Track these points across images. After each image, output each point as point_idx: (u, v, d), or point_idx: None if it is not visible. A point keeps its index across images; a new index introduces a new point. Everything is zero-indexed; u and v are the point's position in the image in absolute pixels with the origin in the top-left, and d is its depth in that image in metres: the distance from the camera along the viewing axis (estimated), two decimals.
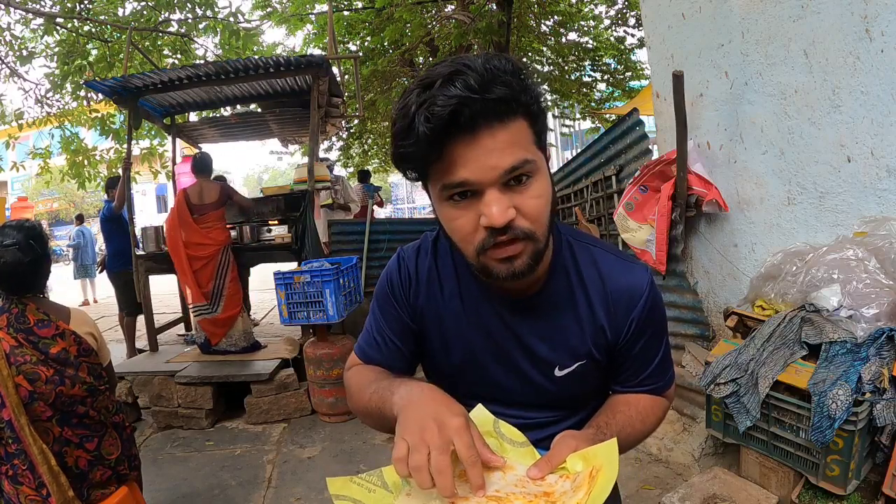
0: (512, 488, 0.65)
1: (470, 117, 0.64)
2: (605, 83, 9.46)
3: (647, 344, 0.86)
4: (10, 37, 6.39)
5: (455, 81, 0.63)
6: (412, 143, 0.65)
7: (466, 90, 0.63)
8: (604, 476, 0.62)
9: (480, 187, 0.67)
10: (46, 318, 1.54)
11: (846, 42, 1.89)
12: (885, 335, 1.60)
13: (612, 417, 0.83)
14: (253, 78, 3.88)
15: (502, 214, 0.67)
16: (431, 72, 0.67)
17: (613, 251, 0.90)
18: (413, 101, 0.65)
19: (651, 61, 3.16)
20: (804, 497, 1.68)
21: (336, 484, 0.67)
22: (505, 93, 0.64)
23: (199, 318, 3.73)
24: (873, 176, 1.89)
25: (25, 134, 7.21)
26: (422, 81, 0.66)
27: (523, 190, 0.69)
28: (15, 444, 1.40)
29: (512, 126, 0.67)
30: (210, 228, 3.71)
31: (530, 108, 0.69)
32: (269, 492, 2.52)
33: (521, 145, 0.68)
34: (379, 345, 0.92)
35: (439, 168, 0.68)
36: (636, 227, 2.74)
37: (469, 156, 0.66)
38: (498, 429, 0.75)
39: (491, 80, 0.64)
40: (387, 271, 0.93)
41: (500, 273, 0.72)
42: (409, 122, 0.65)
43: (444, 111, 0.62)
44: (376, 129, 10.80)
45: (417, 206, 21.99)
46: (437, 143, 0.65)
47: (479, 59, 0.66)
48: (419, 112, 0.64)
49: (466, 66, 0.64)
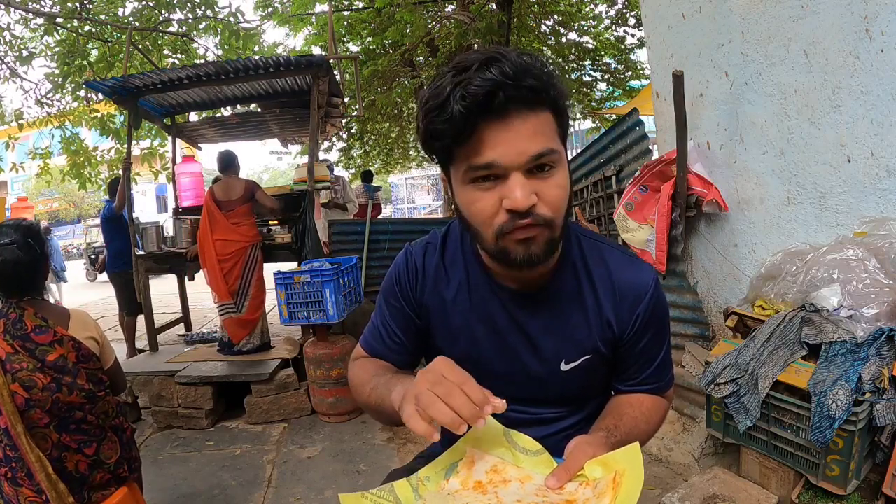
0: (533, 497, 0.65)
1: (504, 101, 0.66)
2: (605, 83, 9.47)
3: (651, 341, 0.88)
4: (10, 37, 6.39)
5: (491, 67, 0.66)
6: (445, 121, 0.68)
7: (502, 75, 0.65)
8: (629, 481, 0.61)
9: (506, 171, 0.69)
10: (44, 323, 1.50)
11: (846, 42, 1.89)
12: (885, 335, 1.60)
13: (620, 420, 0.83)
14: (253, 78, 3.88)
15: (526, 198, 0.69)
16: (466, 57, 0.70)
17: (621, 249, 0.92)
18: (448, 82, 0.68)
19: (651, 61, 3.16)
20: (804, 497, 1.68)
21: (349, 501, 0.67)
22: (536, 84, 0.67)
23: (225, 318, 3.71)
24: (873, 176, 1.89)
25: (25, 134, 7.21)
26: (457, 65, 0.69)
27: (546, 178, 0.71)
28: (12, 451, 1.38)
29: (540, 115, 0.70)
30: (239, 225, 3.68)
31: (557, 104, 0.72)
32: (269, 492, 2.52)
33: (548, 135, 0.71)
34: (383, 337, 0.94)
35: (467, 149, 0.70)
36: (636, 227, 2.74)
37: (499, 138, 0.68)
38: (510, 438, 0.74)
39: (524, 70, 0.67)
40: (394, 266, 0.95)
41: (517, 255, 0.74)
42: (443, 100, 0.67)
43: (480, 91, 0.65)
44: (378, 129, 10.80)
45: (418, 206, 21.96)
46: (470, 122, 0.67)
47: (512, 52, 0.69)
48: (455, 91, 0.66)
49: (501, 55, 0.67)
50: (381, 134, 11.14)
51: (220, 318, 3.75)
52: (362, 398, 0.88)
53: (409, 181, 22.45)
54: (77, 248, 20.21)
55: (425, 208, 21.50)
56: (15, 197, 17.04)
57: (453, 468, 0.71)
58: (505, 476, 0.69)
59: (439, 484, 0.70)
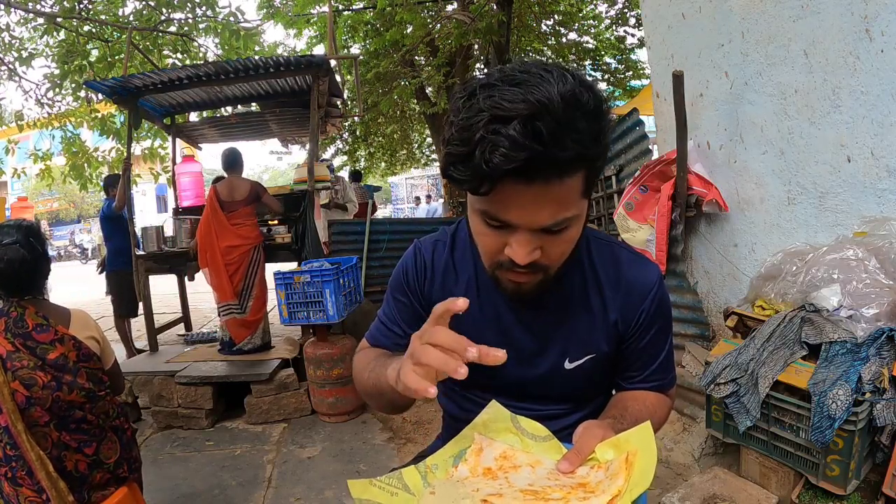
0: (545, 481, 0.64)
1: (533, 169, 0.61)
2: (605, 83, 9.47)
3: (654, 338, 0.89)
4: (10, 37, 6.38)
5: (532, 128, 0.58)
6: (467, 174, 0.64)
7: (538, 143, 0.58)
8: (642, 460, 0.61)
9: (517, 226, 0.68)
10: (45, 322, 1.51)
11: (846, 42, 1.89)
12: (885, 335, 1.60)
13: (625, 410, 0.84)
14: (253, 78, 3.88)
15: (527, 257, 0.69)
16: (506, 97, 0.60)
17: (626, 247, 0.93)
18: (479, 129, 0.60)
19: (651, 61, 3.16)
20: (804, 497, 1.68)
21: (357, 487, 0.66)
22: (576, 152, 0.61)
23: (228, 318, 3.68)
24: (873, 176, 1.89)
25: (25, 135, 7.21)
26: (495, 108, 0.60)
27: (555, 236, 0.70)
28: (12, 450, 1.38)
29: (569, 181, 0.64)
30: (241, 226, 3.66)
31: (595, 163, 0.66)
32: (269, 492, 2.52)
33: (570, 201, 0.67)
34: (389, 331, 0.95)
35: (485, 197, 0.67)
36: (636, 227, 2.74)
37: (518, 200, 0.65)
38: (517, 424, 0.73)
39: (566, 129, 0.60)
40: (403, 261, 0.95)
41: (506, 291, 0.77)
42: (469, 150, 0.61)
43: (508, 164, 0.59)
44: (381, 131, 10.79)
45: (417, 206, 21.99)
46: (492, 182, 0.63)
47: (559, 95, 0.59)
48: (482, 147, 0.60)
49: (545, 109, 0.59)
50: (384, 135, 11.14)
51: (222, 319, 3.74)
52: (362, 383, 0.88)
53: (409, 181, 22.45)
54: (78, 245, 20.19)
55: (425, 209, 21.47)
56: (15, 197, 17.03)
57: (461, 455, 0.71)
58: (515, 462, 0.68)
59: (448, 471, 0.70)
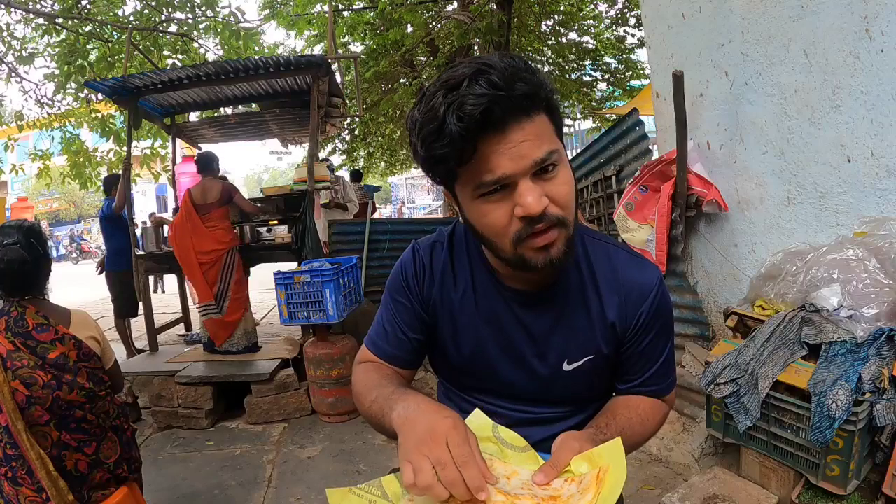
0: (519, 490, 0.65)
1: (500, 114, 0.66)
2: (605, 83, 9.48)
3: (654, 341, 0.87)
4: (9, 37, 6.38)
5: (480, 80, 0.65)
6: (446, 144, 0.67)
7: (493, 88, 0.64)
8: (612, 476, 0.62)
9: (513, 180, 0.69)
10: (46, 322, 1.51)
11: (846, 42, 1.89)
12: (885, 335, 1.60)
13: (612, 419, 0.83)
14: (253, 78, 3.88)
15: (538, 202, 0.69)
16: (453, 73, 0.68)
17: (626, 248, 0.91)
18: (440, 103, 0.66)
19: (651, 61, 3.16)
20: (804, 497, 1.68)
21: (336, 496, 0.66)
22: (527, 89, 0.66)
23: (206, 318, 3.72)
24: (873, 176, 1.89)
25: (25, 134, 7.20)
26: (445, 83, 0.67)
27: (552, 178, 0.71)
28: (12, 449, 1.38)
29: (536, 119, 0.69)
30: (214, 229, 3.67)
31: (549, 102, 0.71)
32: (269, 492, 2.52)
33: (547, 137, 0.71)
34: (388, 335, 0.93)
35: (471, 168, 0.69)
36: (636, 227, 2.74)
37: (502, 151, 0.68)
38: (497, 434, 0.74)
39: (512, 76, 0.66)
40: (401, 262, 0.95)
41: (537, 263, 0.74)
42: (439, 123, 0.66)
43: (476, 110, 0.64)
44: (380, 130, 10.79)
45: (417, 206, 22.00)
46: (471, 141, 0.66)
47: (495, 58, 0.68)
48: (449, 112, 0.65)
49: (487, 66, 0.66)
50: (384, 135, 11.13)
51: (202, 319, 3.77)
52: (363, 408, 0.86)
53: (409, 181, 22.46)
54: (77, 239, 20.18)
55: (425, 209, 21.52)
56: (15, 197, 17.05)
57: None
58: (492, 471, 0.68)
59: None
